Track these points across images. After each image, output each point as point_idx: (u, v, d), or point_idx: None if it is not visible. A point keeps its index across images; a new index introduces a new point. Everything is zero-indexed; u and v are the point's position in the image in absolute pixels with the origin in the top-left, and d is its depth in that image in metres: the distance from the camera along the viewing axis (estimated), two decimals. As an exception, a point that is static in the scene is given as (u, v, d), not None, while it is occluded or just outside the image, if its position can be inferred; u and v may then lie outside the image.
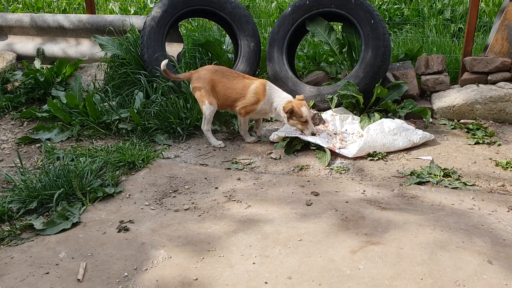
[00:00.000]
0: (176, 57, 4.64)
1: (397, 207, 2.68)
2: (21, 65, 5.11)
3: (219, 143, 3.72)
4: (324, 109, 4.19)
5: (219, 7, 4.56)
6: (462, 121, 4.18)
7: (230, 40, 5.09)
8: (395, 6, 6.90)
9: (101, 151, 3.47)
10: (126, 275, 2.12)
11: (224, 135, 3.98)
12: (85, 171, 3.00)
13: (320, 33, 4.42)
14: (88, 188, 2.87)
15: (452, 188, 2.94)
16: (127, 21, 4.85)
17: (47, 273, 2.14)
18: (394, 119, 3.78)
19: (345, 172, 3.23)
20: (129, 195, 2.92)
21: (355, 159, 3.43)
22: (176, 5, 4.49)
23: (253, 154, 3.58)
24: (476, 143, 3.69)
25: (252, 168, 3.34)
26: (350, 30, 4.40)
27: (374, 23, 4.07)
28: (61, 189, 2.78)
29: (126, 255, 2.27)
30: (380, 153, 3.48)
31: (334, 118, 3.96)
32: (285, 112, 3.50)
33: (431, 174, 3.11)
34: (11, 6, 8.01)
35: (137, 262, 2.21)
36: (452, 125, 4.09)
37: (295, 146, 3.58)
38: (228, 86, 3.66)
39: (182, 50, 4.78)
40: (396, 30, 6.50)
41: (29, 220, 2.57)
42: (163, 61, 3.70)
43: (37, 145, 3.77)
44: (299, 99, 3.59)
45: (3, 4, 8.10)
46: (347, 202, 2.75)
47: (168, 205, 2.79)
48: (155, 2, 7.41)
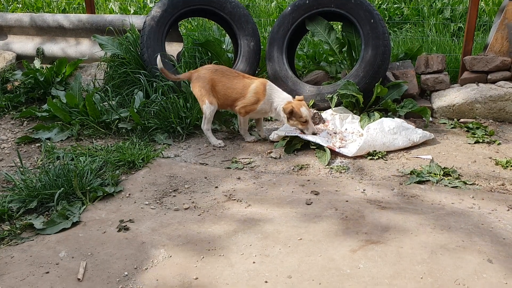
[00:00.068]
0: (176, 57, 4.63)
1: (397, 206, 2.68)
2: (21, 65, 5.10)
3: (219, 143, 3.72)
4: (324, 109, 4.19)
5: (219, 7, 4.56)
6: (462, 120, 4.18)
7: (230, 40, 5.09)
8: (395, 6, 6.90)
9: (101, 151, 3.47)
10: (126, 275, 2.12)
11: (224, 135, 3.98)
12: (85, 171, 3.01)
13: (320, 33, 4.42)
14: (88, 188, 2.87)
15: (452, 187, 2.94)
16: (127, 21, 4.85)
17: (47, 273, 2.14)
18: (394, 118, 3.78)
19: (345, 171, 3.23)
20: (129, 195, 2.92)
21: (355, 158, 3.43)
22: (176, 5, 4.49)
23: (253, 154, 3.58)
24: (476, 142, 3.69)
25: (252, 168, 3.34)
26: (350, 30, 4.39)
27: (374, 23, 4.07)
28: (61, 189, 2.78)
29: (126, 255, 2.27)
30: (380, 152, 3.48)
31: (334, 118, 3.96)
32: (285, 113, 3.51)
33: (431, 173, 3.11)
34: (11, 6, 8.00)
35: (137, 262, 2.21)
36: (452, 124, 4.09)
37: (295, 145, 3.58)
38: (228, 86, 3.67)
39: (182, 50, 4.78)
40: (396, 30, 6.50)
41: (29, 220, 2.57)
42: (158, 58, 3.68)
43: (37, 145, 3.77)
44: (299, 100, 3.59)
45: (3, 4, 8.09)
46: (347, 202, 2.75)
47: (168, 205, 2.79)
48: (155, 2, 7.41)
